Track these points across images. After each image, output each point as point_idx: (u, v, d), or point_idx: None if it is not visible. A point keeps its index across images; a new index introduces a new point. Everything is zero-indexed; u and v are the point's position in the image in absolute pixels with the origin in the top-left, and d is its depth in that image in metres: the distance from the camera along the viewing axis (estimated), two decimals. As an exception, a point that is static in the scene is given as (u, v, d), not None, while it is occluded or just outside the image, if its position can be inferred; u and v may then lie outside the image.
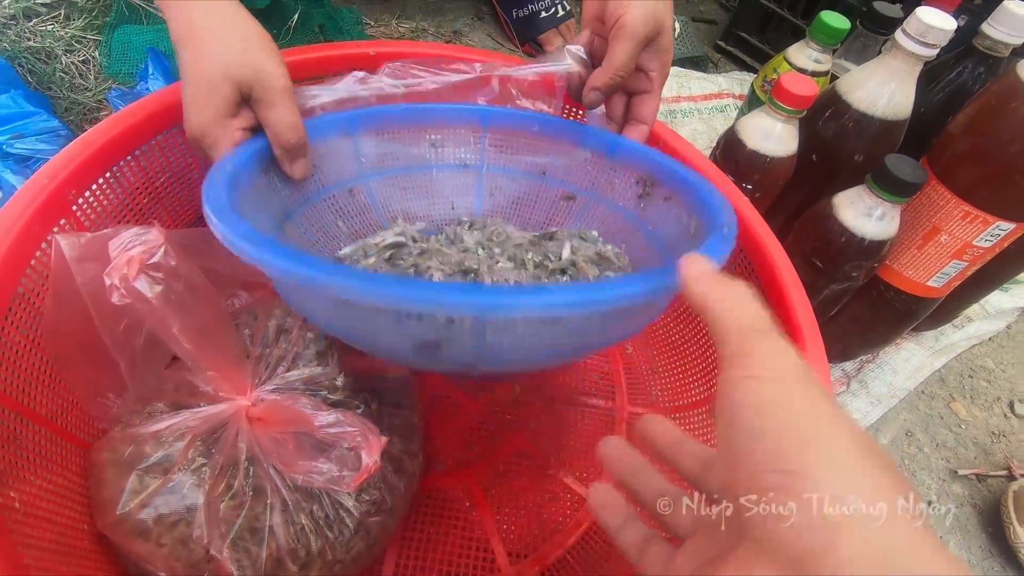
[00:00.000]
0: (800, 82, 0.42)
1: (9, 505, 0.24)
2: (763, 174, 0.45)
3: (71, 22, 0.54)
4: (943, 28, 0.40)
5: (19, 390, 0.29)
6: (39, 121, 0.43)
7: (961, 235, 0.42)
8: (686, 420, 0.44)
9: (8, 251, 0.30)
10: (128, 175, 0.38)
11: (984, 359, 0.62)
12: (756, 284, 0.39)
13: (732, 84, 0.79)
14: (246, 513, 0.30)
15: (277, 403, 0.33)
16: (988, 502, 0.51)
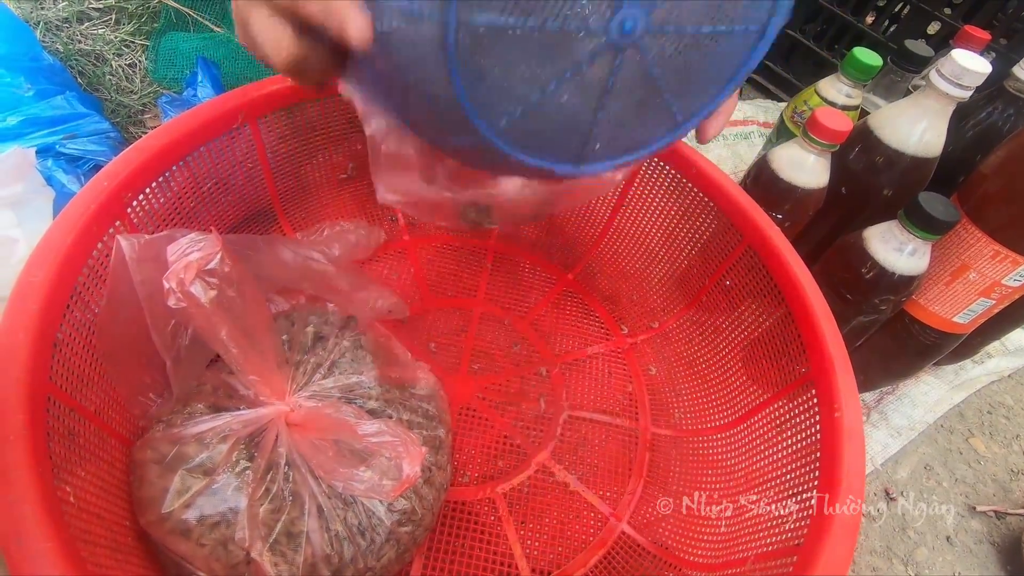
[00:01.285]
0: (835, 117, 0.43)
1: (65, 499, 0.25)
2: (794, 204, 0.46)
3: (121, 26, 0.56)
4: (978, 71, 0.41)
5: (73, 387, 0.30)
6: (91, 123, 0.45)
7: (990, 273, 0.43)
8: (709, 444, 0.44)
9: (70, 249, 0.31)
10: (177, 180, 0.39)
11: (1003, 396, 0.63)
12: (785, 312, 0.40)
13: (757, 112, 0.81)
14: (284, 518, 0.30)
15: (318, 410, 0.33)
16: (1007, 540, 0.51)
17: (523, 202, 0.35)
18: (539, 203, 0.45)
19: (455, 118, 0.24)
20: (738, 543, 0.36)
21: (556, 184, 0.31)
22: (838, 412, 0.33)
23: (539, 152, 0.26)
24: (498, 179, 0.33)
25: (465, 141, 0.25)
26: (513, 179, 0.33)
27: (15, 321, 0.27)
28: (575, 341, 0.51)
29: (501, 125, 0.24)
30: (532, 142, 0.25)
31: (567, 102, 0.24)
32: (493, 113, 0.24)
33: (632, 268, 0.54)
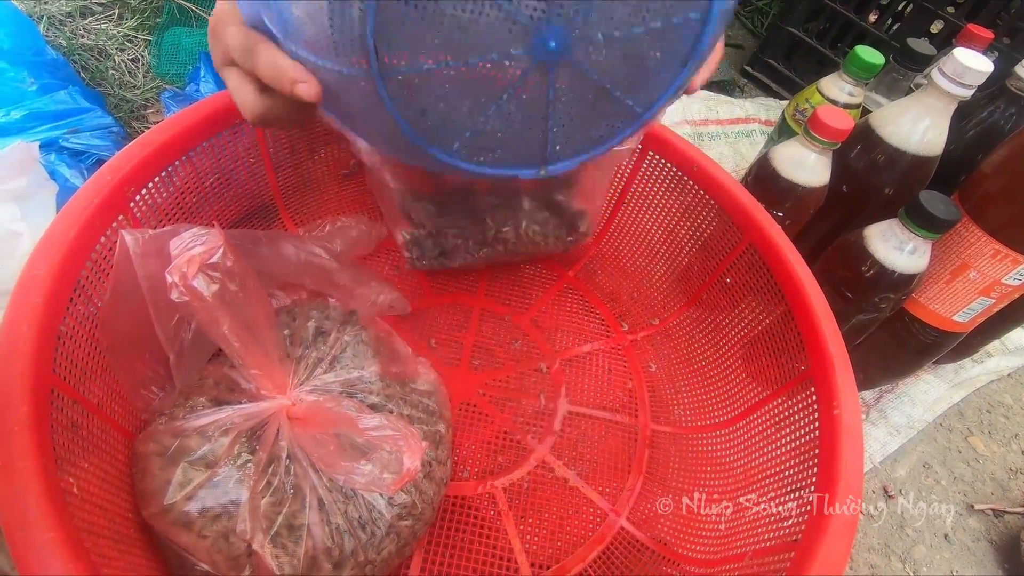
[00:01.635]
0: (837, 115, 0.43)
1: (68, 490, 0.25)
2: (795, 202, 0.46)
3: (124, 21, 0.56)
4: (980, 70, 0.41)
5: (77, 379, 0.30)
6: (94, 117, 0.45)
7: (990, 272, 0.43)
8: (708, 441, 0.44)
9: (73, 243, 0.31)
10: (180, 175, 0.39)
11: (1003, 395, 0.63)
12: (785, 310, 0.40)
13: (758, 110, 0.81)
14: (285, 511, 0.31)
15: (319, 404, 0.33)
16: (1005, 538, 0.51)
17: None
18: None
19: (411, 149, 0.25)
20: (736, 539, 0.36)
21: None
22: (837, 409, 0.33)
23: (500, 163, 0.27)
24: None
25: (431, 163, 0.27)
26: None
27: (19, 314, 0.27)
28: (575, 337, 0.52)
29: (454, 148, 0.26)
30: (490, 156, 0.27)
31: (512, 118, 0.25)
32: (444, 140, 0.25)
33: (633, 265, 0.54)
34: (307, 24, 0.22)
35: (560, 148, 0.27)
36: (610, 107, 0.26)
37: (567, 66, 0.23)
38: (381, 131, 0.26)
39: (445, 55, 0.22)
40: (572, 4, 0.21)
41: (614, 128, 0.27)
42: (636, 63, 0.24)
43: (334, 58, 0.22)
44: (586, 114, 0.26)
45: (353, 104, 0.25)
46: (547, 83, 0.23)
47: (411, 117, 0.24)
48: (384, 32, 0.21)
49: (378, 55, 0.22)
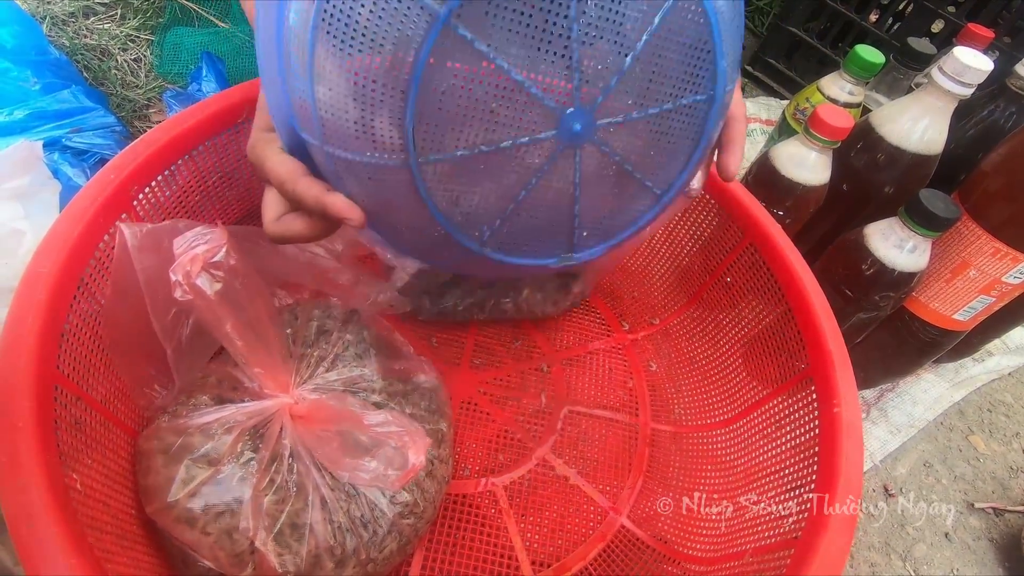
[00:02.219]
0: (836, 114, 0.43)
1: (72, 486, 0.25)
2: (795, 201, 0.46)
3: (126, 21, 0.56)
4: (980, 68, 0.41)
5: (80, 376, 0.30)
6: (96, 116, 0.45)
7: (990, 271, 0.43)
8: (709, 440, 0.44)
9: (77, 240, 0.31)
10: (183, 174, 0.40)
11: (1003, 394, 0.63)
12: (786, 309, 0.40)
13: (759, 109, 0.81)
14: (288, 509, 0.31)
15: (322, 402, 0.34)
16: (1005, 537, 0.51)
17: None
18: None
19: (442, 240, 0.26)
20: (736, 537, 0.36)
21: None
22: (837, 407, 0.33)
23: (528, 253, 0.28)
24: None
25: (457, 258, 0.28)
26: None
27: (23, 311, 0.27)
28: (576, 337, 0.52)
29: (485, 237, 0.26)
30: (518, 245, 0.28)
31: (541, 203, 0.26)
32: (474, 228, 0.26)
33: (633, 265, 0.54)
34: (342, 122, 0.23)
35: (587, 234, 0.28)
36: (632, 190, 0.27)
37: (591, 147, 0.24)
38: (413, 224, 0.26)
39: (479, 140, 0.23)
40: (593, 90, 0.23)
41: (638, 211, 0.29)
42: (652, 144, 0.26)
43: (370, 151, 0.23)
44: (612, 197, 0.27)
45: (387, 199, 0.25)
46: (574, 166, 0.25)
47: (444, 206, 0.25)
48: (420, 120, 0.22)
49: (415, 144, 0.23)
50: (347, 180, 0.25)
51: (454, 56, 0.21)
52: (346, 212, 0.25)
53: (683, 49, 0.24)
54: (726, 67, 0.25)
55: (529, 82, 0.22)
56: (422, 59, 0.21)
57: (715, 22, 0.24)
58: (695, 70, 0.24)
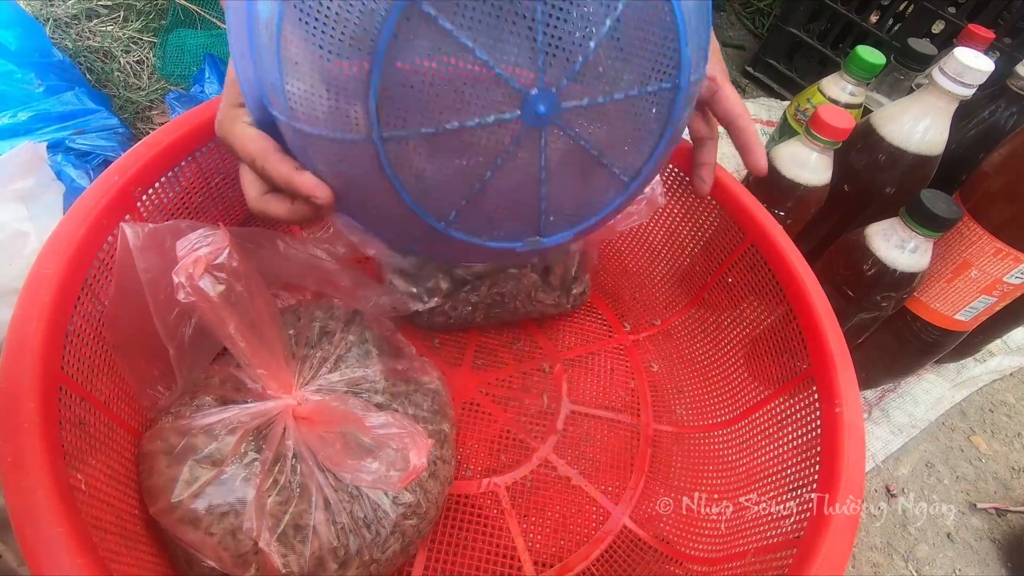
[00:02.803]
0: (837, 114, 0.43)
1: (77, 486, 0.25)
2: (796, 202, 0.46)
3: (129, 23, 0.56)
4: (980, 69, 0.41)
5: (84, 376, 0.30)
6: (99, 118, 0.45)
7: (992, 271, 0.43)
8: (710, 440, 0.44)
9: (81, 241, 0.31)
10: (186, 175, 0.40)
11: (1005, 394, 0.63)
12: (787, 309, 0.40)
13: (760, 110, 0.81)
14: (292, 510, 0.31)
15: (325, 403, 0.34)
16: (1008, 537, 0.51)
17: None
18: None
19: (408, 219, 0.26)
20: (739, 537, 0.36)
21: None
22: (839, 408, 0.33)
23: (495, 235, 0.28)
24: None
25: (424, 239, 0.28)
26: None
27: (28, 312, 0.28)
28: (578, 338, 0.52)
29: (450, 217, 0.27)
30: (485, 227, 0.28)
31: (508, 185, 0.26)
32: (439, 209, 0.26)
33: (635, 266, 0.54)
34: (309, 98, 0.23)
35: (553, 219, 0.28)
36: (599, 175, 0.27)
37: (556, 130, 0.24)
38: (379, 203, 0.26)
39: (444, 119, 0.23)
40: (558, 72, 0.23)
41: (605, 197, 0.29)
42: (617, 129, 0.26)
43: (336, 127, 0.24)
44: (578, 182, 0.27)
45: (353, 176, 0.25)
46: (539, 147, 0.25)
47: (409, 184, 0.25)
48: (384, 96, 0.22)
49: (380, 120, 0.23)
50: (315, 157, 0.26)
51: (419, 33, 0.21)
52: (314, 190, 0.26)
53: (647, 36, 0.24)
54: (690, 55, 0.25)
55: (494, 62, 0.22)
56: (386, 34, 0.21)
57: (679, 11, 0.24)
58: (659, 57, 0.24)
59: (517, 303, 0.47)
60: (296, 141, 0.26)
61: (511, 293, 0.46)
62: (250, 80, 0.26)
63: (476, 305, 0.46)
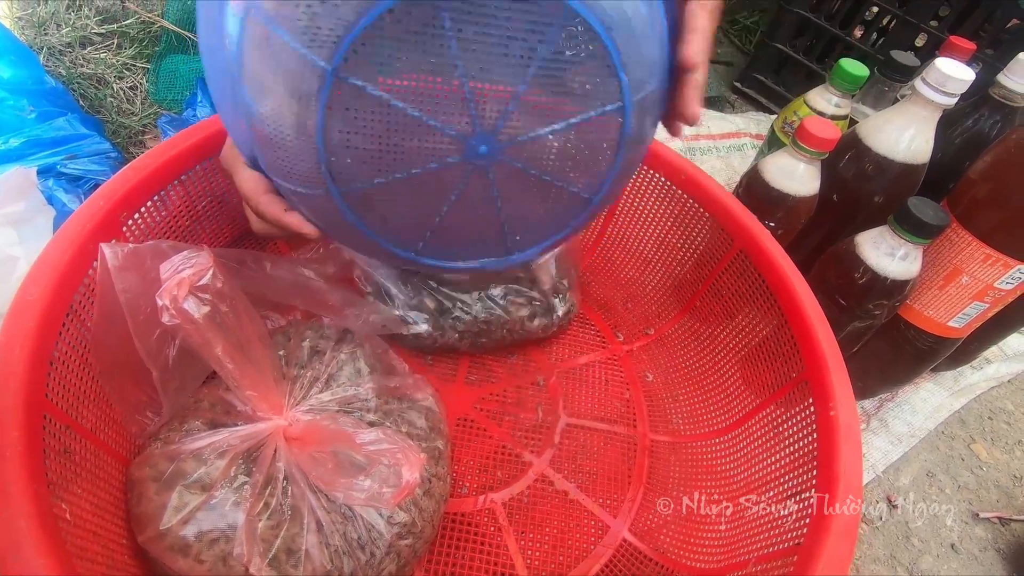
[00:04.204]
0: (823, 126, 0.43)
1: (62, 516, 0.25)
2: (786, 212, 0.46)
3: (122, 50, 0.57)
4: (961, 78, 0.41)
5: (69, 404, 0.30)
6: (91, 143, 0.45)
7: (983, 277, 0.43)
8: (708, 448, 0.44)
9: (66, 267, 0.31)
10: (173, 198, 0.40)
11: (1003, 401, 0.62)
12: (778, 314, 0.40)
13: (749, 124, 0.82)
14: (284, 533, 0.30)
15: (315, 423, 0.33)
16: (1012, 546, 0.51)
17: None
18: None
19: (381, 252, 0.29)
20: (739, 545, 0.36)
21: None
22: (833, 411, 0.33)
23: (463, 257, 0.31)
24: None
25: (403, 264, 0.31)
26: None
27: (12, 338, 0.27)
28: (571, 349, 0.52)
29: (419, 247, 0.29)
30: (453, 252, 0.30)
31: (465, 215, 0.28)
32: (407, 242, 0.29)
33: (626, 276, 0.54)
34: (275, 160, 0.26)
35: (520, 237, 0.30)
36: (557, 197, 0.28)
37: (502, 166, 0.26)
38: (354, 240, 0.30)
39: (392, 169, 0.25)
40: (492, 115, 0.24)
41: (568, 214, 0.30)
42: (567, 153, 0.27)
43: (302, 183, 0.26)
44: (537, 203, 0.28)
45: (326, 218, 0.28)
46: (488, 183, 0.26)
47: (375, 226, 0.28)
48: (333, 157, 0.25)
49: (333, 178, 0.25)
50: (295, 202, 0.29)
51: (351, 102, 0.23)
52: (302, 228, 0.29)
53: (579, 68, 0.24)
54: (628, 79, 0.25)
55: (427, 116, 0.24)
56: (321, 108, 0.23)
57: (607, 38, 0.24)
58: (597, 85, 0.25)
59: (504, 332, 0.47)
60: (280, 188, 0.29)
61: (497, 322, 0.46)
62: (239, 140, 0.29)
63: (463, 334, 0.46)
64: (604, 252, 0.55)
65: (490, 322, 0.46)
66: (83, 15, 0.56)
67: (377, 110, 0.23)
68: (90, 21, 0.57)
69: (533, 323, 0.47)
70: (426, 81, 0.23)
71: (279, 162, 0.26)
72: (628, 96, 0.25)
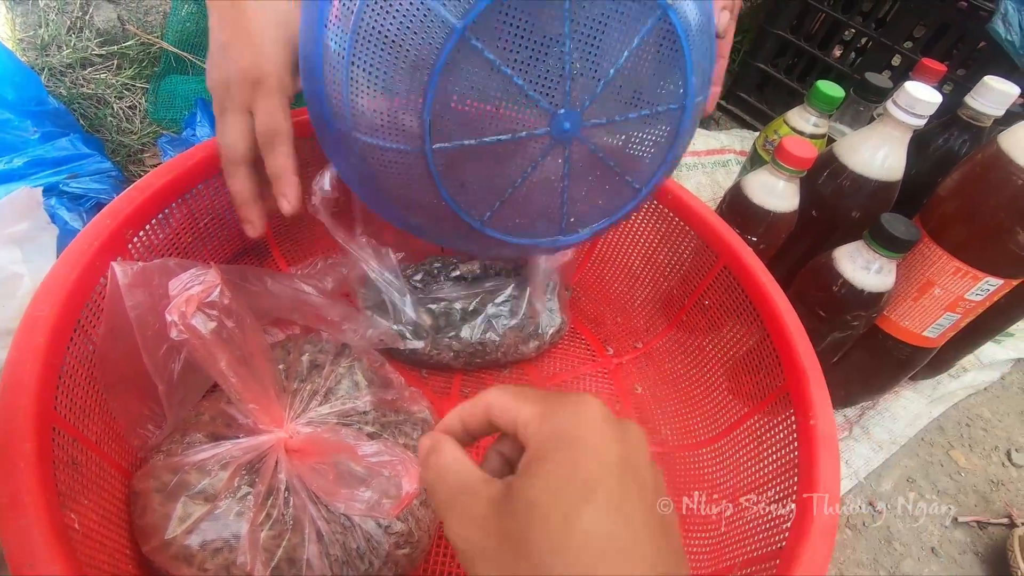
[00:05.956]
0: (801, 145, 0.46)
1: (71, 526, 0.26)
2: (767, 227, 0.48)
3: (122, 71, 0.58)
4: (929, 101, 0.44)
5: (76, 417, 0.31)
6: (93, 162, 0.46)
7: (953, 289, 0.45)
8: (696, 458, 0.45)
9: (74, 284, 0.32)
10: (176, 216, 0.41)
11: (980, 408, 0.64)
12: (761, 327, 0.42)
13: (733, 140, 0.84)
14: (285, 544, 0.31)
15: (316, 435, 0.34)
16: (990, 550, 0.52)
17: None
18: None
19: (448, 218, 0.31)
20: (725, 551, 0.37)
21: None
22: (813, 420, 0.35)
23: (523, 233, 0.33)
24: None
25: (461, 235, 0.32)
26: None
27: (23, 353, 0.28)
28: (563, 363, 0.53)
29: (486, 217, 0.31)
30: (515, 226, 0.32)
31: (536, 190, 0.30)
32: (477, 209, 0.31)
33: (615, 291, 0.56)
34: (371, 113, 0.28)
35: (574, 220, 0.33)
36: (615, 184, 0.31)
37: (579, 144, 0.29)
38: (424, 203, 0.31)
39: (484, 132, 0.27)
40: (582, 95, 0.27)
41: (620, 203, 0.33)
42: (630, 143, 0.30)
43: (393, 138, 0.28)
44: (597, 189, 0.31)
45: (404, 178, 0.30)
46: (563, 159, 0.29)
47: (452, 187, 0.30)
48: (436, 114, 0.27)
49: (432, 133, 0.27)
50: (368, 160, 0.30)
51: (467, 62, 0.26)
52: (290, 191, 0.33)
53: (658, 65, 0.28)
54: (695, 82, 0.29)
55: (528, 86, 0.26)
56: (440, 64, 0.25)
57: (686, 44, 0.28)
58: (669, 83, 0.28)
59: (499, 354, 0.48)
60: (346, 145, 0.30)
61: (492, 344, 0.47)
62: (315, 94, 0.30)
63: (458, 352, 0.47)
64: (594, 268, 0.56)
65: (484, 344, 0.47)
66: (84, 37, 0.58)
67: (488, 73, 0.26)
68: (91, 43, 0.58)
69: (528, 346, 0.49)
70: (535, 53, 0.25)
71: (374, 113, 0.27)
72: (691, 98, 0.29)
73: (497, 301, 0.48)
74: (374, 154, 0.29)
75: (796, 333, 0.39)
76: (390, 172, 0.30)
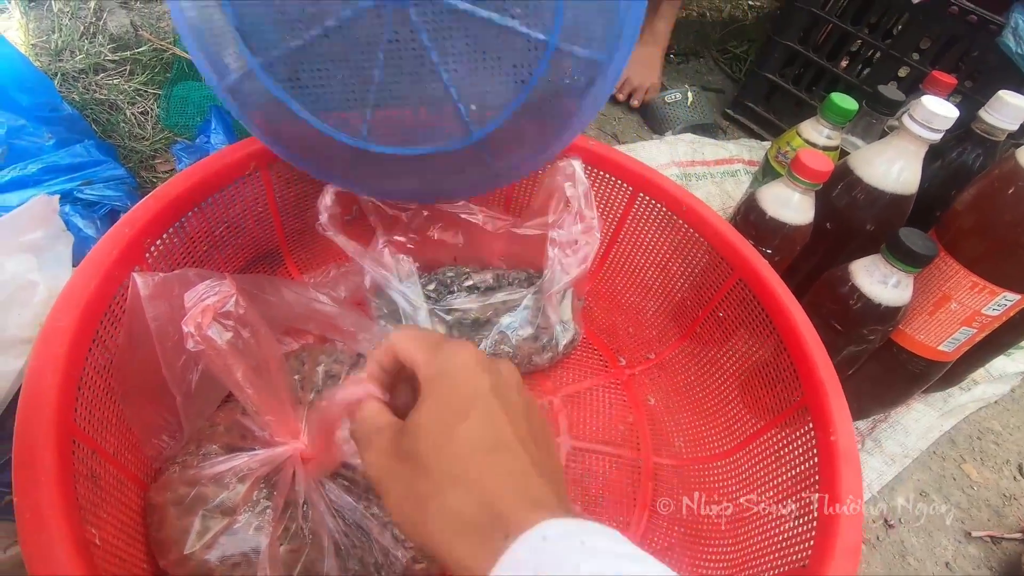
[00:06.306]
0: (817, 158, 0.45)
1: (91, 541, 0.25)
2: (782, 240, 0.48)
3: (135, 77, 0.58)
4: (947, 116, 0.44)
5: (95, 429, 0.30)
6: (107, 169, 0.46)
7: (970, 304, 0.45)
8: (711, 472, 0.45)
9: (93, 294, 0.32)
10: (192, 225, 0.41)
11: (991, 421, 0.64)
12: (777, 341, 0.42)
13: (741, 150, 0.84)
14: (304, 558, 0.31)
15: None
16: (1003, 564, 0.52)
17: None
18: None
19: (328, 144, 0.27)
20: (746, 568, 0.36)
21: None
22: (833, 436, 0.34)
23: (421, 139, 0.28)
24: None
25: (353, 161, 0.28)
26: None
27: (43, 364, 0.28)
28: (575, 373, 0.53)
29: (364, 132, 0.27)
30: (406, 134, 0.27)
31: (403, 80, 0.25)
32: (349, 122, 0.27)
33: (628, 301, 0.55)
34: (218, 63, 0.26)
35: (475, 107, 0.26)
36: (504, 42, 0.24)
37: (426, 3, 0.23)
38: (297, 134, 0.27)
39: (305, 26, 0.24)
40: None
41: (523, 64, 0.25)
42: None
43: (233, 74, 0.25)
44: (480, 60, 0.24)
45: (266, 116, 0.27)
46: (412, 27, 0.23)
47: (309, 104, 0.26)
48: (246, 24, 0.24)
49: (252, 49, 0.24)
50: (240, 109, 0.28)
51: None
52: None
53: None
54: None
55: None
56: None
57: None
58: None
59: (513, 364, 0.48)
60: (228, 104, 0.28)
61: (506, 355, 0.47)
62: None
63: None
64: (607, 278, 0.56)
65: (498, 355, 0.47)
66: (97, 42, 0.58)
67: None
68: (104, 48, 0.58)
69: (542, 357, 0.49)
70: None
71: (217, 62, 0.25)
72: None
73: (511, 312, 0.48)
74: (238, 98, 0.27)
75: (814, 346, 0.39)
76: (254, 113, 0.27)
